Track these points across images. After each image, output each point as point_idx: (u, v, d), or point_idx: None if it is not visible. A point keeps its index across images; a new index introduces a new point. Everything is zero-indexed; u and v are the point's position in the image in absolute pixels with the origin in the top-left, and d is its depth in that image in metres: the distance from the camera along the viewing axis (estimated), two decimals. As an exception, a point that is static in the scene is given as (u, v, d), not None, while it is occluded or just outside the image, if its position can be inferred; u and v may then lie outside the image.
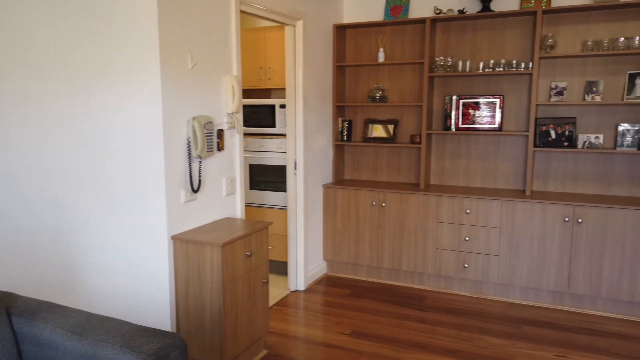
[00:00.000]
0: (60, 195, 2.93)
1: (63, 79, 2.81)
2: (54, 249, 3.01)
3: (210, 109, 2.91)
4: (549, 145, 3.75)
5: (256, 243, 2.85)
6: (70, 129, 2.84)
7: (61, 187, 2.92)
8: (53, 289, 3.06)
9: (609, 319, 3.53)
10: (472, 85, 4.10)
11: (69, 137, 2.85)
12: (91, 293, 2.94)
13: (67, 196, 2.91)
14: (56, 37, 2.79)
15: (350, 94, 4.56)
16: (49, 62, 2.83)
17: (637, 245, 3.38)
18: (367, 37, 4.42)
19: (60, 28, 2.77)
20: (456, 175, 4.25)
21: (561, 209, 3.54)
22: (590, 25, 3.67)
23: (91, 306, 2.95)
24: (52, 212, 2.98)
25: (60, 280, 3.03)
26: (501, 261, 3.77)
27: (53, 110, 2.87)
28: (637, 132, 3.53)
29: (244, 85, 4.54)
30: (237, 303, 2.72)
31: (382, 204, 4.12)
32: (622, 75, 3.63)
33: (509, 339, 3.24)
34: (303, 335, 3.30)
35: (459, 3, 4.07)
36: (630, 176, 3.69)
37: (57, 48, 2.80)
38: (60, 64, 2.80)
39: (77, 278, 2.97)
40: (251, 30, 4.48)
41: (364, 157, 4.58)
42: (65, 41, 2.76)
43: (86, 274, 2.93)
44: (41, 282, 3.10)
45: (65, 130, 2.85)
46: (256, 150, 4.37)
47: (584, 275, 3.54)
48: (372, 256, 4.22)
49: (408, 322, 3.50)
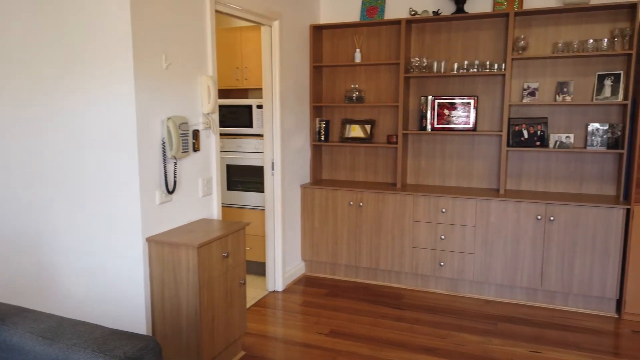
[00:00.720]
0: (32, 197, 2.87)
1: (33, 78, 2.75)
2: (26, 253, 2.94)
3: (186, 110, 2.89)
4: (521, 144, 3.83)
5: (233, 244, 2.84)
6: (41, 129, 2.78)
7: (32, 189, 2.86)
8: (25, 293, 2.99)
9: (580, 314, 3.62)
10: (447, 86, 4.16)
11: (40, 138, 2.79)
12: (65, 296, 2.88)
13: (38, 198, 2.85)
14: (26, 36, 2.72)
15: (328, 94, 4.58)
16: (19, 62, 2.77)
17: (606, 242, 3.47)
18: (343, 37, 4.44)
19: (30, 27, 2.71)
20: (432, 174, 4.30)
21: (534, 208, 3.62)
22: (561, 27, 3.76)
23: (65, 310, 2.90)
24: (23, 214, 2.91)
25: (33, 284, 2.96)
26: (476, 259, 3.83)
27: (23, 111, 2.81)
28: (606, 131, 3.63)
29: (220, 86, 4.51)
30: (214, 304, 2.70)
31: (360, 204, 4.14)
32: (592, 76, 3.72)
33: (485, 336, 3.29)
34: (281, 336, 3.29)
35: (434, 4, 4.12)
36: (599, 175, 3.79)
37: (26, 47, 2.74)
38: (30, 63, 2.74)
39: (51, 281, 2.91)
40: (227, 30, 4.46)
41: (342, 157, 4.60)
42: (36, 40, 2.71)
43: (60, 277, 2.88)
44: (13, 286, 3.02)
45: (36, 131, 2.79)
46: (233, 151, 4.35)
47: (556, 272, 3.62)
48: (350, 256, 4.24)
49: (385, 320, 3.52)
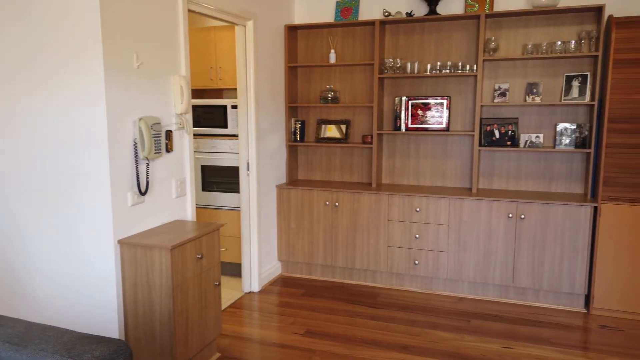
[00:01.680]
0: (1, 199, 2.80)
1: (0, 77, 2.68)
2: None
3: (158, 110, 2.86)
4: (493, 144, 3.90)
5: (207, 245, 2.82)
6: (10, 130, 2.71)
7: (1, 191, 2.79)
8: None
9: (550, 310, 3.71)
10: (421, 87, 4.21)
11: (9, 139, 2.72)
12: (36, 300, 2.82)
13: (4, 200, 2.78)
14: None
15: (303, 94, 4.58)
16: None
17: (575, 239, 3.56)
18: (318, 38, 4.45)
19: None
20: (406, 174, 4.35)
21: (505, 206, 3.69)
22: (530, 29, 3.85)
23: (35, 315, 2.83)
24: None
25: (2, 288, 2.89)
26: (450, 257, 3.89)
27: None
28: (574, 131, 3.72)
29: (194, 85, 4.47)
30: (188, 306, 2.67)
31: (336, 204, 4.16)
32: (560, 77, 3.82)
33: (458, 333, 3.34)
34: (257, 337, 3.29)
35: (407, 6, 4.16)
36: (568, 173, 3.89)
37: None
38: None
39: (20, 285, 2.84)
40: (201, 29, 4.42)
41: (317, 157, 4.61)
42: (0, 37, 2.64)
43: (30, 281, 2.81)
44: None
45: (5, 132, 2.72)
46: (208, 151, 4.31)
47: (527, 269, 3.70)
48: (326, 255, 4.25)
49: (361, 319, 3.55)
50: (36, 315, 2.83)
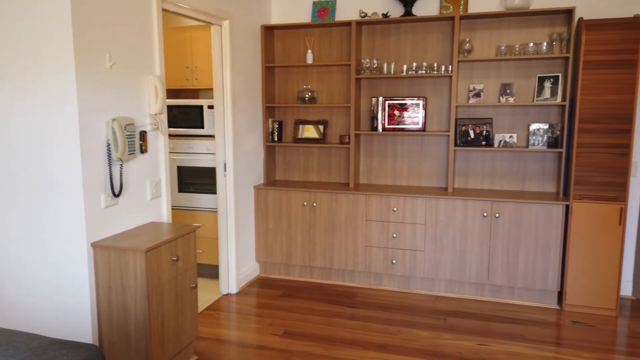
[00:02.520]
0: (-35, 203, 2.72)
1: (-34, 77, 2.60)
2: (-41, 261, 2.78)
3: (132, 110, 2.81)
4: (468, 144, 3.95)
5: (183, 247, 2.79)
6: (-25, 131, 2.63)
7: (-34, 194, 2.71)
8: (-41, 304, 2.83)
9: (524, 307, 3.78)
10: (397, 87, 4.24)
11: (-26, 140, 2.64)
12: (7, 305, 2.74)
13: (-27, 204, 2.71)
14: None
15: (280, 94, 4.57)
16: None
17: (548, 237, 3.63)
18: (295, 38, 4.44)
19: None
20: (384, 174, 4.38)
21: (480, 205, 3.75)
22: (503, 31, 3.91)
23: (6, 320, 2.76)
24: (-45, 221, 2.75)
25: (-34, 295, 2.80)
26: (427, 256, 3.93)
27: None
28: (546, 131, 3.80)
29: (170, 85, 4.42)
30: (164, 309, 2.64)
31: (313, 204, 4.16)
32: (533, 78, 3.89)
33: (435, 331, 3.38)
34: (234, 339, 3.26)
35: (383, 7, 4.19)
36: (541, 173, 3.97)
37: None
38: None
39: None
40: (176, 29, 4.37)
41: (295, 158, 4.61)
42: (-32, 37, 2.57)
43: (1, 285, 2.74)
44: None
45: (-30, 132, 2.65)
46: (184, 152, 4.27)
47: (501, 267, 3.76)
48: (304, 256, 4.25)
49: (339, 319, 3.56)
50: (6, 321, 2.76)
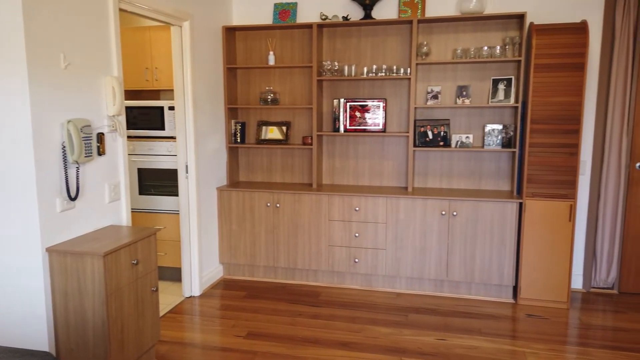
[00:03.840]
0: None
1: None
2: None
3: (89, 112, 2.77)
4: (427, 144, 4.06)
5: (143, 250, 2.76)
6: None
7: None
8: None
9: (482, 301, 3.90)
10: (358, 89, 4.31)
11: None
12: (-47, 316, 2.65)
13: None
14: None
15: (243, 95, 4.56)
16: None
17: (503, 234, 3.77)
18: (257, 39, 4.45)
19: None
20: (346, 174, 4.44)
21: (439, 204, 3.85)
22: (459, 35, 4.03)
23: (-47, 330, 2.66)
24: None
25: None
26: (388, 254, 4.01)
27: None
28: (500, 132, 3.94)
29: (129, 86, 4.35)
30: (123, 314, 2.61)
31: (277, 205, 4.18)
32: (487, 81, 4.02)
33: (396, 327, 3.45)
34: (197, 342, 3.25)
35: (344, 10, 4.25)
36: (496, 172, 4.11)
37: None
38: None
39: None
40: (135, 29, 4.31)
41: (258, 159, 4.61)
42: None
43: (-54, 295, 2.64)
44: None
45: None
46: (145, 154, 4.21)
47: (459, 264, 3.88)
48: (268, 256, 4.26)
49: (302, 319, 3.59)
50: (-44, 330, 2.66)
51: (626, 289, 4.06)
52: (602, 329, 3.42)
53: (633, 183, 3.92)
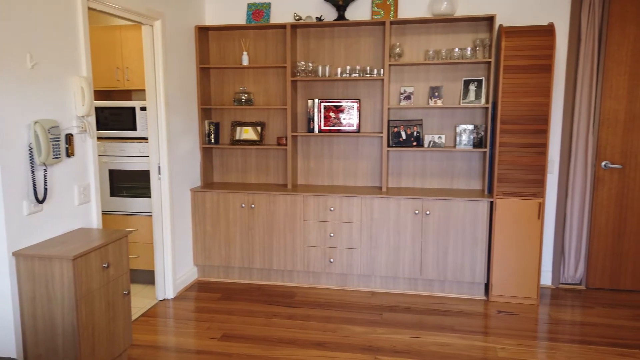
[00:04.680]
0: None
1: None
2: None
3: (57, 112, 2.71)
4: (400, 145, 4.10)
5: (114, 253, 2.72)
6: None
7: None
8: None
9: (454, 299, 3.97)
10: (332, 90, 4.32)
11: None
12: None
13: None
14: None
15: (216, 96, 4.53)
16: None
17: (474, 232, 3.84)
18: (230, 39, 4.42)
19: None
20: (321, 174, 4.45)
21: (412, 203, 3.90)
22: (431, 37, 4.09)
23: None
24: None
25: None
26: (363, 254, 4.04)
27: None
28: (471, 132, 4.01)
29: (100, 86, 4.27)
30: (94, 318, 2.56)
31: (252, 206, 4.16)
32: (459, 82, 4.09)
33: (371, 326, 3.48)
34: (171, 345, 3.21)
35: (317, 11, 4.26)
36: (467, 171, 4.18)
37: None
38: None
39: None
40: (106, 28, 4.23)
41: (233, 160, 4.59)
42: None
43: None
44: None
45: None
46: (116, 155, 4.14)
47: (432, 262, 3.94)
48: (243, 258, 4.25)
49: (278, 319, 3.58)
50: None
51: (593, 285, 4.18)
52: (570, 324, 3.52)
53: (599, 181, 4.04)
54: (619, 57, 3.88)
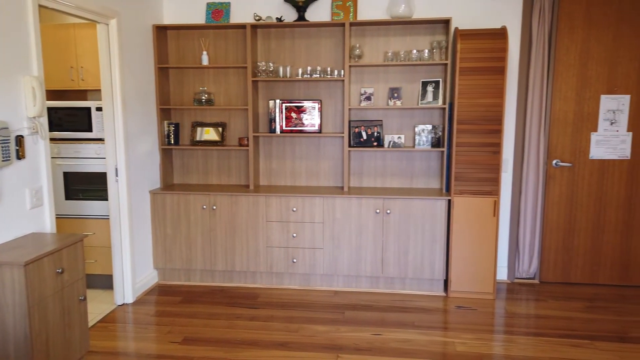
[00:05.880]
0: None
1: None
2: None
3: (6, 113, 2.61)
4: (361, 145, 4.15)
5: (69, 258, 2.64)
6: None
7: None
8: None
9: (415, 296, 4.05)
10: (294, 90, 4.33)
11: None
12: None
13: None
14: None
15: (176, 96, 4.46)
16: None
17: (433, 230, 3.93)
18: (189, 39, 4.37)
19: None
20: (283, 175, 4.45)
21: (373, 202, 3.95)
22: (390, 38, 4.16)
23: None
24: None
25: None
26: (325, 253, 4.06)
27: None
28: (430, 132, 4.10)
29: (53, 86, 4.14)
30: (48, 326, 2.49)
31: (213, 207, 4.12)
32: (417, 83, 4.18)
33: (334, 325, 3.51)
34: (131, 350, 3.15)
35: (277, 11, 4.26)
36: (426, 170, 4.27)
37: None
38: None
39: None
40: (59, 26, 4.10)
41: (194, 161, 4.53)
42: None
43: None
44: None
45: None
46: (71, 157, 4.02)
47: (394, 260, 4.00)
48: (205, 260, 4.20)
49: (240, 321, 3.56)
50: None
51: (546, 279, 4.35)
52: (525, 317, 3.65)
53: (550, 179, 4.21)
54: (568, 60, 4.05)
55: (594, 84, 4.05)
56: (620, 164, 4.12)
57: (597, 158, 4.13)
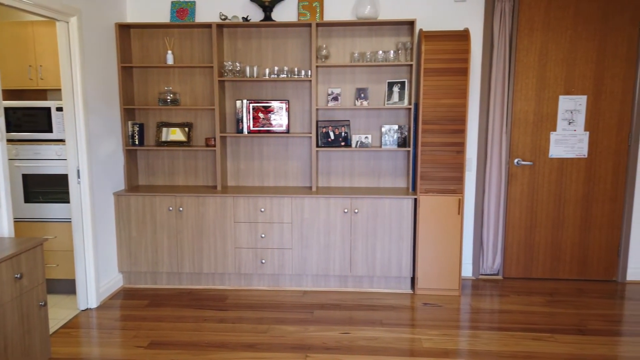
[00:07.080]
0: None
1: None
2: None
3: (-41, 114, 2.51)
4: (329, 145, 4.17)
5: (28, 263, 2.56)
6: None
7: None
8: None
9: (383, 294, 4.09)
10: (261, 90, 4.32)
11: None
12: None
13: None
14: None
15: (140, 96, 4.38)
16: None
17: (400, 228, 3.98)
18: (154, 38, 4.30)
19: None
20: (251, 176, 4.43)
21: (341, 202, 3.98)
22: (356, 39, 4.19)
23: None
24: None
25: None
26: (294, 253, 4.07)
27: None
28: (396, 132, 4.16)
29: (11, 85, 4.00)
30: (6, 332, 2.41)
31: (180, 209, 4.06)
32: (383, 84, 4.23)
33: (302, 325, 3.52)
34: (95, 356, 3.07)
35: (244, 11, 4.23)
36: (393, 170, 4.33)
37: None
38: None
39: None
40: (16, 23, 3.97)
41: (159, 162, 4.46)
42: None
43: None
44: None
45: None
46: (31, 159, 3.90)
47: (362, 259, 4.04)
48: (171, 262, 4.14)
49: (208, 323, 3.53)
50: None
51: (509, 274, 4.47)
52: (489, 313, 3.74)
53: (512, 178, 4.33)
54: (527, 62, 4.18)
55: (553, 85, 4.19)
56: (578, 162, 4.27)
57: (556, 157, 4.27)
